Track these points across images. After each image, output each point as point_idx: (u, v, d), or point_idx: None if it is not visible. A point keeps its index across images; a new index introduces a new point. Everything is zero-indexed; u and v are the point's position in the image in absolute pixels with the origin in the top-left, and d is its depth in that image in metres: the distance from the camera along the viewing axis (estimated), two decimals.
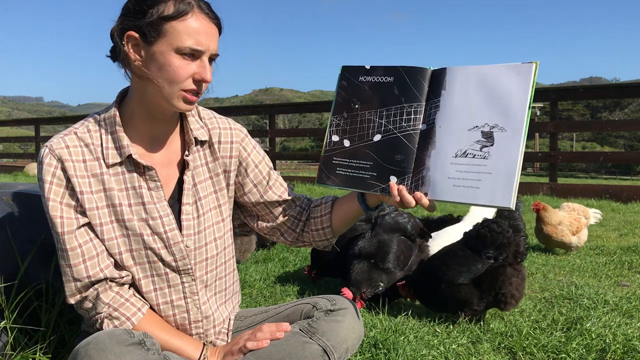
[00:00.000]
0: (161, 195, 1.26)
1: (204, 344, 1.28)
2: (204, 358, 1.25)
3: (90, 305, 1.23)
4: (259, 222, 1.45)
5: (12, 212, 1.58)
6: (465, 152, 1.12)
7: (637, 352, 1.79)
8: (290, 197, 1.43)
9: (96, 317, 1.22)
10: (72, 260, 1.19)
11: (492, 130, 1.11)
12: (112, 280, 1.23)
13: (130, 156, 1.22)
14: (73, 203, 1.20)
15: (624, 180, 24.40)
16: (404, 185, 1.18)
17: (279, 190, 1.42)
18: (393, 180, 1.19)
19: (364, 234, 2.52)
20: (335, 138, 1.28)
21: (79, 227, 1.20)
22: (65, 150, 1.20)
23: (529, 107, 1.08)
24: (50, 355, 1.47)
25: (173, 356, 1.16)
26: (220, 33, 1.23)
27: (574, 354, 1.81)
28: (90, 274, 1.20)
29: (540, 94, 8.57)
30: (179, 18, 1.14)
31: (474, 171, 1.11)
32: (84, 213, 1.20)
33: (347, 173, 1.25)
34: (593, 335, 1.94)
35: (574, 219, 3.64)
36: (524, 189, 7.45)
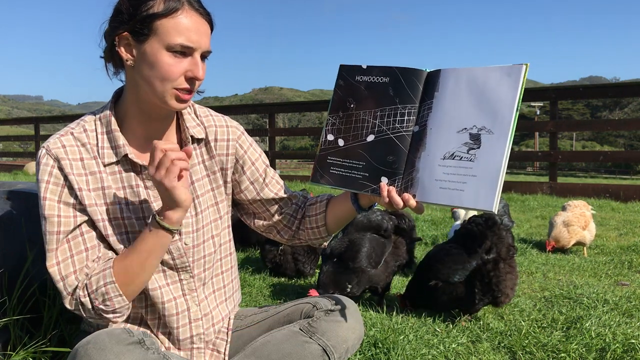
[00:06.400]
0: (157, 194, 1.26)
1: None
2: (157, 216, 1.16)
3: (83, 307, 1.18)
4: (255, 220, 1.45)
5: (12, 210, 1.58)
6: (453, 154, 1.12)
7: (636, 352, 1.79)
8: (286, 195, 1.43)
9: (92, 313, 1.18)
10: (60, 257, 1.17)
11: (479, 132, 1.10)
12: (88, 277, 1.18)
13: (126, 155, 1.23)
14: (71, 201, 1.19)
15: (623, 179, 24.42)
16: (394, 186, 1.18)
17: (275, 187, 1.42)
18: (384, 181, 1.19)
19: (337, 234, 2.53)
20: (330, 137, 1.28)
21: (75, 227, 1.19)
22: (61, 149, 1.19)
23: (517, 109, 1.07)
24: (50, 354, 1.47)
25: (173, 355, 1.16)
26: (212, 29, 1.22)
27: (574, 353, 1.81)
28: (76, 268, 1.17)
29: (540, 93, 8.56)
30: (169, 15, 1.14)
31: (460, 173, 1.10)
32: (83, 210, 1.20)
33: (340, 173, 1.25)
34: (593, 334, 1.94)
35: (579, 214, 3.71)
36: (524, 188, 7.45)
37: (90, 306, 1.17)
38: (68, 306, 1.19)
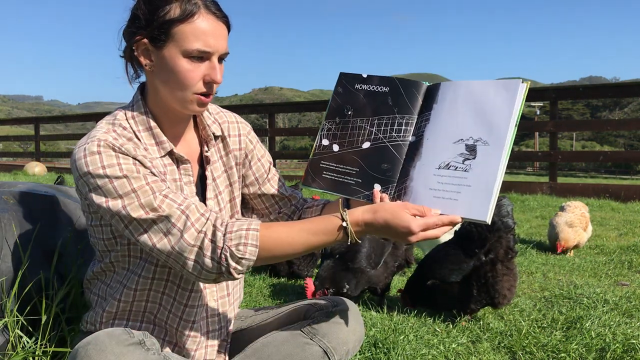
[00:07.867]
0: (193, 190, 1.28)
1: (341, 215, 1.12)
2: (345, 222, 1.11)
3: (210, 242, 1.10)
4: (253, 215, 1.47)
5: (12, 210, 1.58)
6: (448, 164, 1.13)
7: (636, 352, 1.79)
8: (286, 194, 1.44)
9: (215, 253, 1.10)
10: (168, 209, 1.10)
11: (475, 143, 1.11)
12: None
13: (171, 151, 1.23)
14: (149, 173, 1.14)
15: (623, 179, 24.41)
16: (386, 194, 1.18)
17: (276, 184, 1.44)
18: (377, 188, 1.19)
19: None
20: (325, 142, 1.29)
21: (166, 188, 1.13)
22: (115, 141, 1.15)
23: (516, 124, 1.08)
24: (50, 355, 1.47)
25: (173, 356, 1.16)
26: (229, 31, 1.21)
27: (574, 353, 1.81)
28: (196, 205, 1.12)
29: (540, 93, 8.57)
30: (186, 20, 1.13)
31: (455, 183, 1.11)
32: (162, 180, 1.17)
33: (333, 177, 1.26)
34: (593, 334, 1.94)
35: (580, 215, 3.70)
36: (524, 188, 7.45)
37: (220, 244, 1.09)
38: (189, 238, 1.09)
